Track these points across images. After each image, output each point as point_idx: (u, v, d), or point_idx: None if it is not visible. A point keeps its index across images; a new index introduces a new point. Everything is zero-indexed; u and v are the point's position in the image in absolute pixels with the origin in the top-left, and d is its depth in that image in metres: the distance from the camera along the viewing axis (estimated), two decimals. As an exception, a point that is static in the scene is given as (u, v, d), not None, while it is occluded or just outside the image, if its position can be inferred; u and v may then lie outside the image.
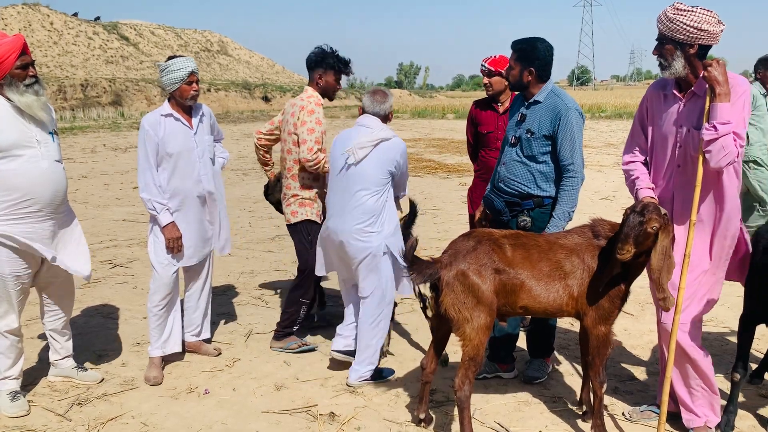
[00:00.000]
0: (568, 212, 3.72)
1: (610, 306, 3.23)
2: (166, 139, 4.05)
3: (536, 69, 3.74)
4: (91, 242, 7.86)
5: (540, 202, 3.78)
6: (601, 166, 14.58)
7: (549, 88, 3.80)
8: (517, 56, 3.78)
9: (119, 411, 3.74)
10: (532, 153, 3.75)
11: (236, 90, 47.74)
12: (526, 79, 3.77)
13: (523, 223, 3.78)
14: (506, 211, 3.86)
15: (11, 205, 3.53)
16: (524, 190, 3.78)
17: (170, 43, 61.58)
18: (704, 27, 3.04)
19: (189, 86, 4.09)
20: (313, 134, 4.28)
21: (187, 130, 4.15)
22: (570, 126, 3.66)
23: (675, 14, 3.08)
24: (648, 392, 3.93)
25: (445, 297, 3.16)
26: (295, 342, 4.57)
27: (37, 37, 48.07)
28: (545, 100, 3.76)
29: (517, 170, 3.80)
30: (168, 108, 4.13)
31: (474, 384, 3.23)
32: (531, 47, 3.75)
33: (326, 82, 4.48)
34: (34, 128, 3.63)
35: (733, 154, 2.98)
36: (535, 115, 3.76)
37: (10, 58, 3.48)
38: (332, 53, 4.47)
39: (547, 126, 3.70)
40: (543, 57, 3.74)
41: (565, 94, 3.78)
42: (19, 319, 3.71)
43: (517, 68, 3.78)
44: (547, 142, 3.72)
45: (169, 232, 4.07)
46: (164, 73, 4.09)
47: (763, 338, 4.47)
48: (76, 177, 13.20)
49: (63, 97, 36.97)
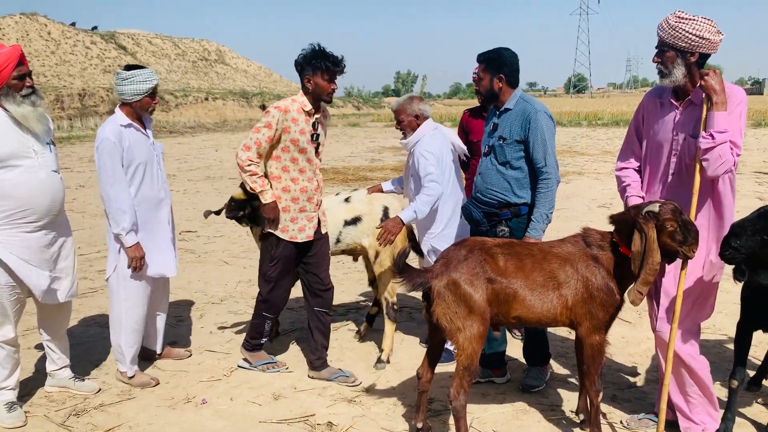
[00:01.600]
0: (546, 214, 3.75)
1: (604, 315, 3.23)
2: (131, 150, 4.00)
3: (506, 75, 3.81)
4: (89, 252, 7.86)
5: (517, 211, 3.81)
6: (599, 173, 14.60)
7: (518, 95, 3.85)
8: (486, 65, 3.85)
9: (117, 421, 3.73)
10: (506, 159, 3.79)
11: (233, 99, 47.78)
12: (497, 86, 3.83)
13: (502, 233, 3.80)
14: (484, 221, 3.88)
15: (8, 215, 3.53)
16: (501, 199, 3.81)
17: (168, 52, 61.68)
18: (705, 35, 3.08)
19: (152, 99, 4.11)
20: (255, 134, 4.00)
21: (145, 139, 4.14)
22: (540, 128, 3.70)
23: (677, 22, 3.11)
24: (646, 400, 3.93)
25: (437, 307, 3.15)
26: (264, 362, 4.39)
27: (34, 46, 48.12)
28: (515, 106, 3.81)
29: (493, 178, 3.84)
30: (125, 118, 4.05)
31: (471, 392, 3.22)
32: (497, 55, 3.84)
33: (315, 84, 4.00)
34: (31, 138, 3.63)
35: (729, 162, 3.01)
36: (506, 122, 3.81)
37: (6, 69, 3.49)
38: (318, 52, 4.00)
39: (518, 131, 3.74)
40: (510, 63, 3.82)
41: (534, 100, 3.83)
42: (15, 329, 3.70)
43: (486, 78, 3.85)
44: (519, 146, 3.76)
45: (135, 252, 3.99)
46: (126, 83, 4.01)
47: (761, 345, 4.47)
48: (73, 186, 13.20)
49: (60, 107, 36.96)
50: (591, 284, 3.20)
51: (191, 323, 5.41)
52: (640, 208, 3.15)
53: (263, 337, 4.38)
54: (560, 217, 9.48)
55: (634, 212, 3.16)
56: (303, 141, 4.04)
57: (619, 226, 3.24)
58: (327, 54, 4.00)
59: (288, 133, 4.00)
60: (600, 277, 3.20)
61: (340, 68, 4.05)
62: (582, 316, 3.23)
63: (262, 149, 3.99)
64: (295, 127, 4.00)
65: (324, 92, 4.04)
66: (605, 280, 3.20)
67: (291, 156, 4.05)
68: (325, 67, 3.97)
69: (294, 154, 4.05)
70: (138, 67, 4.13)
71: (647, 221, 3.07)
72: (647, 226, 3.06)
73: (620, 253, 3.22)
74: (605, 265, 3.22)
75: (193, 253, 7.76)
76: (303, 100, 4.06)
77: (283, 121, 3.98)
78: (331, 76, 4.02)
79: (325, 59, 3.97)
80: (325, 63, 3.96)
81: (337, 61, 4.02)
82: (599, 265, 3.21)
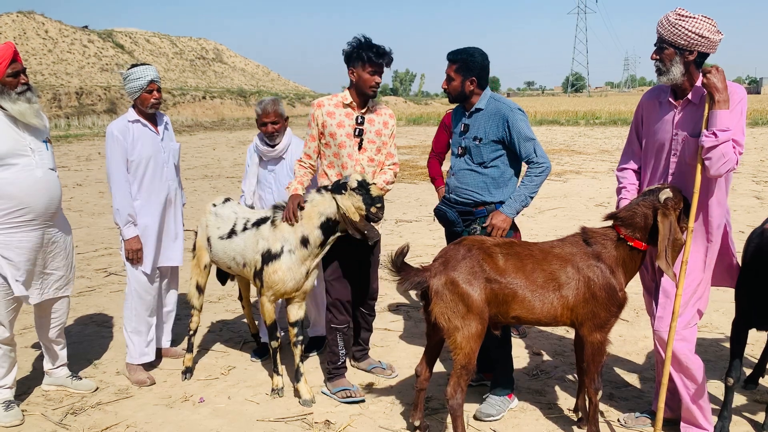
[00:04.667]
0: (527, 196, 3.68)
1: (606, 315, 3.22)
2: (135, 144, 4.11)
3: (477, 77, 3.74)
4: (86, 250, 7.85)
5: (493, 209, 3.74)
6: (596, 172, 14.62)
7: (488, 95, 3.80)
8: (458, 67, 3.74)
9: (114, 420, 3.72)
10: (483, 159, 3.73)
11: (231, 97, 47.76)
12: (468, 89, 3.75)
13: (474, 232, 3.75)
14: (459, 221, 3.82)
15: (5, 214, 3.53)
16: (477, 198, 3.75)
17: (165, 51, 61.61)
18: (705, 34, 3.05)
19: (149, 94, 4.14)
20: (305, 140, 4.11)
21: (154, 136, 4.22)
22: (519, 126, 3.66)
23: (677, 19, 3.09)
24: (643, 398, 3.93)
25: (435, 306, 3.15)
26: (343, 389, 4.01)
27: (31, 45, 48.07)
28: (486, 106, 3.76)
29: (468, 179, 3.78)
30: (134, 114, 4.18)
31: (468, 391, 3.22)
32: (470, 56, 3.72)
33: (358, 76, 3.88)
34: (27, 137, 3.63)
35: (732, 161, 2.99)
36: (478, 122, 3.76)
37: (0, 66, 3.49)
38: (363, 43, 3.87)
39: (494, 131, 3.70)
40: (482, 66, 3.74)
41: (504, 98, 3.79)
42: (11, 329, 3.70)
43: (458, 79, 3.74)
44: (497, 146, 3.71)
45: (131, 245, 4.11)
46: (126, 81, 4.16)
47: (757, 344, 4.48)
48: (70, 185, 13.19)
49: (58, 105, 36.94)
50: (593, 284, 3.17)
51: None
52: (653, 197, 3.16)
53: (339, 358, 4.10)
54: (558, 216, 9.50)
55: (650, 203, 3.17)
56: (341, 135, 3.94)
57: (631, 221, 3.21)
58: (371, 45, 3.87)
59: (326, 128, 3.96)
60: (603, 275, 3.18)
61: (384, 60, 3.89)
62: (584, 316, 3.21)
63: (311, 148, 4.05)
64: (331, 120, 3.94)
65: (366, 85, 3.89)
66: (608, 278, 3.18)
67: (333, 151, 3.99)
68: (367, 59, 3.84)
69: (335, 149, 3.98)
70: (140, 65, 4.20)
71: (667, 207, 3.12)
72: (670, 212, 3.11)
73: (625, 248, 3.21)
74: (608, 263, 3.20)
75: (190, 252, 7.74)
76: (345, 93, 4.00)
77: (320, 116, 3.96)
78: (374, 68, 3.88)
79: (368, 50, 3.84)
80: (367, 54, 3.84)
81: (381, 52, 3.87)
82: (602, 262, 3.19)
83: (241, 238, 4.00)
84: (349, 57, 3.92)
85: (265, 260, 3.83)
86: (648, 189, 3.26)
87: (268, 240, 3.84)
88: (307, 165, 4.09)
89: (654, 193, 3.20)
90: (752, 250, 3.39)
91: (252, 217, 4.05)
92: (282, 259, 3.79)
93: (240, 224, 4.05)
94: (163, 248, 4.33)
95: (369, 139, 4.00)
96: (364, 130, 3.98)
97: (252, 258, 3.91)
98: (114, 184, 4.10)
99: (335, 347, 4.10)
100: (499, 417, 3.71)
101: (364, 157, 3.99)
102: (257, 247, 3.89)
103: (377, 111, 4.06)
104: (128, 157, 4.09)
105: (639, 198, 3.27)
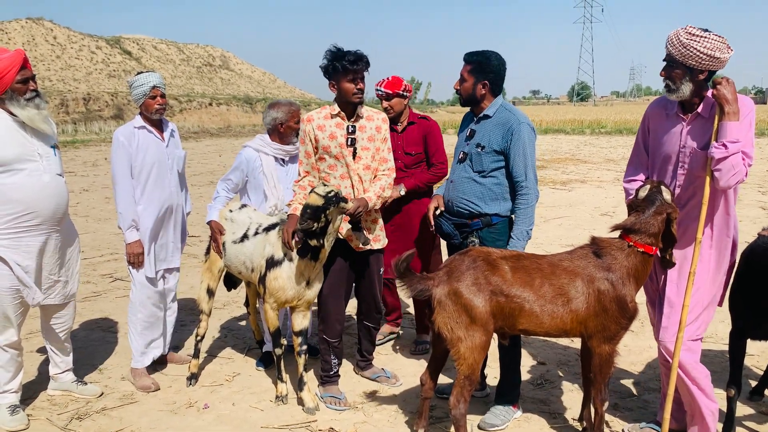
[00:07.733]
0: (527, 231, 3.61)
1: (616, 327, 3.18)
2: (140, 150, 4.16)
3: (490, 82, 3.66)
4: (92, 255, 7.87)
5: (488, 221, 3.67)
6: (601, 182, 14.59)
7: (499, 102, 3.72)
8: (472, 68, 3.67)
9: (119, 425, 3.73)
10: (483, 168, 3.66)
11: (238, 104, 47.92)
12: (479, 92, 3.69)
13: (472, 244, 3.65)
14: (456, 233, 3.75)
15: (12, 219, 3.55)
16: (474, 209, 3.67)
17: (172, 58, 61.92)
18: (716, 55, 2.99)
19: (153, 100, 4.18)
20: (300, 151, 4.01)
21: (159, 142, 4.26)
22: (522, 141, 3.57)
23: (689, 39, 3.01)
24: (648, 409, 3.92)
25: (437, 315, 3.13)
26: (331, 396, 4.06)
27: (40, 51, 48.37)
28: (495, 114, 3.68)
29: (467, 187, 3.70)
30: (140, 121, 4.23)
31: (472, 400, 3.21)
32: (486, 59, 3.65)
33: (339, 88, 3.82)
34: (36, 142, 3.66)
35: (742, 173, 2.96)
36: (485, 129, 3.68)
37: (10, 73, 3.52)
38: (333, 54, 3.78)
39: (498, 140, 3.62)
40: (497, 70, 3.67)
41: (516, 110, 3.70)
42: (18, 333, 3.72)
43: (470, 81, 3.67)
44: (498, 156, 3.63)
45: (132, 248, 4.16)
46: (131, 89, 4.23)
47: (763, 355, 4.46)
48: (77, 190, 13.24)
49: (65, 111, 37.13)
50: (604, 297, 3.13)
51: (194, 328, 5.40)
52: (658, 201, 3.15)
53: (331, 368, 4.14)
54: (563, 225, 9.47)
55: (658, 208, 3.15)
56: (334, 147, 3.86)
57: (646, 227, 3.16)
58: (344, 53, 3.77)
59: (319, 141, 3.89)
60: (614, 288, 3.13)
61: (360, 65, 3.78)
62: (594, 329, 3.18)
63: (308, 164, 3.97)
64: (322, 134, 3.87)
65: (349, 93, 3.81)
66: (619, 291, 3.13)
67: (328, 164, 3.91)
68: (342, 68, 3.76)
69: (330, 161, 3.90)
70: (144, 72, 4.28)
71: (673, 207, 3.16)
72: (676, 211, 3.16)
73: (636, 255, 3.17)
74: (619, 274, 3.15)
75: (195, 258, 7.76)
76: (333, 105, 3.92)
77: (311, 131, 3.89)
78: (353, 75, 3.78)
79: (342, 59, 3.75)
80: (341, 63, 3.74)
81: (356, 58, 3.76)
82: (613, 274, 3.14)
83: (251, 242, 4.02)
84: (326, 71, 3.84)
85: (269, 266, 3.84)
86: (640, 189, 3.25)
87: (274, 246, 3.86)
88: (305, 183, 3.96)
89: (654, 194, 3.17)
90: (743, 260, 3.39)
91: (264, 223, 4.07)
92: (283, 266, 3.80)
93: (252, 229, 4.08)
94: (162, 255, 4.35)
95: (362, 146, 3.91)
96: (356, 139, 3.91)
97: (258, 263, 3.93)
98: (118, 188, 4.15)
99: (327, 356, 4.13)
100: (504, 427, 3.69)
101: (360, 166, 3.90)
102: (264, 252, 3.90)
103: (368, 117, 3.98)
104: (132, 162, 4.14)
105: (642, 202, 3.21)
